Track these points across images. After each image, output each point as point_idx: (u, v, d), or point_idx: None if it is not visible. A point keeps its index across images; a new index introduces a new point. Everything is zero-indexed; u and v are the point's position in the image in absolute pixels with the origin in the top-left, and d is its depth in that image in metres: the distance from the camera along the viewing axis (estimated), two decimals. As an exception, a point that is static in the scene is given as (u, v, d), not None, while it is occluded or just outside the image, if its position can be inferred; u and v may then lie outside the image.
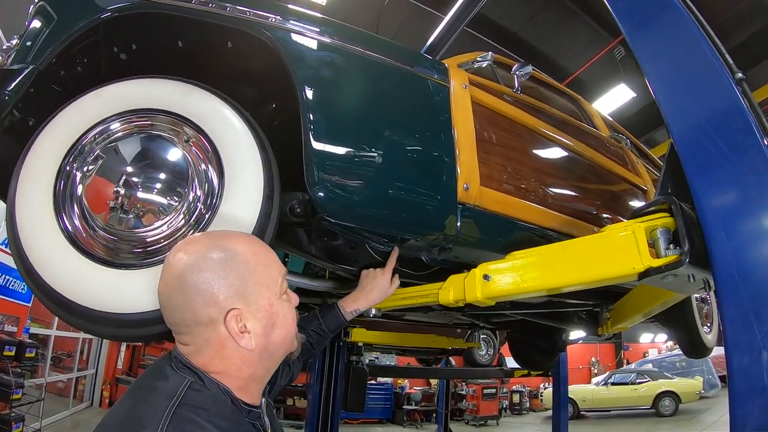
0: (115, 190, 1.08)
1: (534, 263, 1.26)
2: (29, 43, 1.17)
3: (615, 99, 9.04)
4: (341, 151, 1.24)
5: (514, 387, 13.87)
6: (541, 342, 3.81)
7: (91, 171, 1.09)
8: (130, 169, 1.10)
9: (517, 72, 1.89)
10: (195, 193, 1.11)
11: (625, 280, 1.11)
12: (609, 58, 8.11)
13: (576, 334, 3.41)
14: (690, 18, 1.16)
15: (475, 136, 1.52)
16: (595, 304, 2.26)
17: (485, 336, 5.55)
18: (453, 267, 1.58)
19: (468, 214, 1.42)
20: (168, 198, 1.10)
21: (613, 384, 12.32)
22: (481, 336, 5.33)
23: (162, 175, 1.12)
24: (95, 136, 1.12)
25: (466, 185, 1.41)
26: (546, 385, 13.61)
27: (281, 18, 1.27)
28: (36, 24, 1.19)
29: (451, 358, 6.35)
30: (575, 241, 1.27)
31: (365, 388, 4.03)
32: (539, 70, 2.28)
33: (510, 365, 5.40)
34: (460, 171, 1.42)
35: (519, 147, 1.73)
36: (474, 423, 11.90)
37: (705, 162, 1.02)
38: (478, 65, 1.79)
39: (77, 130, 1.12)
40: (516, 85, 1.89)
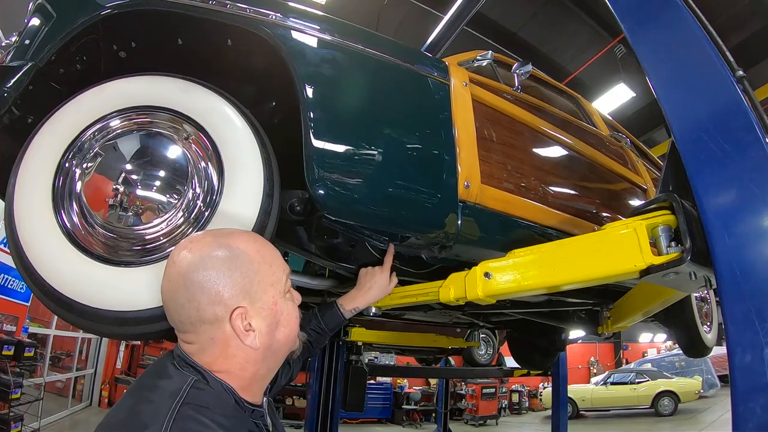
0: (115, 187, 1.07)
1: (535, 261, 1.25)
2: (28, 41, 1.16)
3: (614, 99, 9.06)
4: (341, 149, 1.23)
5: (513, 387, 13.88)
6: (541, 341, 3.82)
7: (90, 168, 1.08)
8: (129, 167, 1.09)
9: (517, 71, 1.89)
10: (194, 191, 1.10)
11: (627, 277, 1.11)
12: (608, 57, 8.13)
13: (575, 333, 3.41)
14: (690, 15, 1.16)
15: (476, 133, 1.52)
16: (596, 303, 2.26)
17: (485, 335, 5.54)
18: (453, 266, 1.57)
19: (469, 211, 1.42)
20: (167, 195, 1.10)
21: (613, 384, 12.35)
22: (481, 335, 5.32)
23: (161, 173, 1.11)
24: (94, 133, 1.11)
25: (466, 183, 1.41)
26: (545, 385, 13.64)
27: (281, 15, 1.27)
28: (35, 21, 1.18)
29: (451, 357, 6.35)
30: (577, 239, 1.27)
31: (364, 387, 4.03)
32: (539, 69, 2.28)
33: (509, 365, 5.41)
34: (460, 169, 1.42)
35: (519, 145, 1.73)
36: (473, 423, 11.90)
37: (706, 159, 1.01)
38: (478, 64, 1.80)
39: (77, 126, 1.11)
40: (516, 84, 1.89)
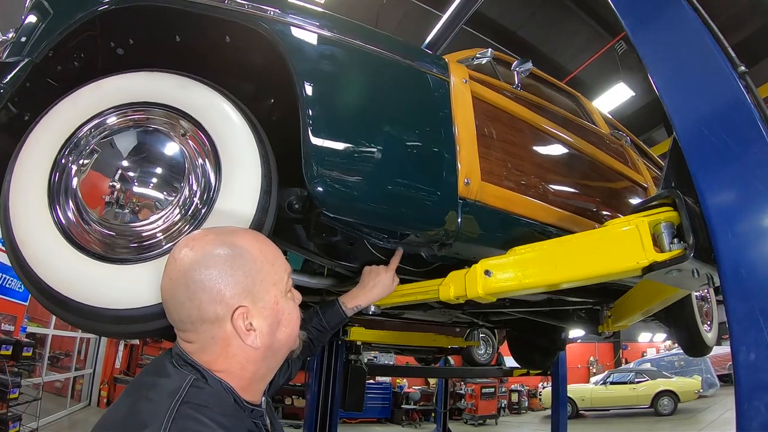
0: (111, 184, 1.06)
1: (536, 258, 1.24)
2: (25, 37, 1.15)
3: (614, 98, 9.06)
4: (340, 146, 1.22)
5: (512, 386, 13.89)
6: (540, 341, 3.81)
7: (87, 165, 1.07)
8: (125, 163, 1.08)
9: (517, 69, 1.88)
10: (191, 188, 1.09)
11: (629, 275, 1.10)
12: (608, 57, 8.13)
13: (575, 332, 3.41)
14: (692, 11, 1.15)
15: (476, 131, 1.51)
16: (596, 301, 2.25)
17: (484, 335, 5.53)
18: (453, 264, 1.56)
19: (469, 209, 1.40)
20: (164, 192, 1.09)
21: (612, 383, 12.36)
22: (480, 335, 5.31)
23: (158, 170, 1.10)
24: (91, 129, 1.10)
25: (466, 180, 1.40)
26: (545, 385, 13.65)
27: (280, 11, 1.26)
28: (32, 17, 1.17)
29: (450, 357, 6.35)
30: (578, 236, 1.26)
31: (364, 387, 4.02)
32: (538, 69, 2.27)
33: (509, 364, 5.41)
34: (460, 166, 1.41)
35: (520, 142, 1.72)
36: (473, 422, 11.90)
37: (709, 155, 1.00)
38: (477, 61, 1.79)
39: (73, 123, 1.10)
40: (516, 82, 1.88)
